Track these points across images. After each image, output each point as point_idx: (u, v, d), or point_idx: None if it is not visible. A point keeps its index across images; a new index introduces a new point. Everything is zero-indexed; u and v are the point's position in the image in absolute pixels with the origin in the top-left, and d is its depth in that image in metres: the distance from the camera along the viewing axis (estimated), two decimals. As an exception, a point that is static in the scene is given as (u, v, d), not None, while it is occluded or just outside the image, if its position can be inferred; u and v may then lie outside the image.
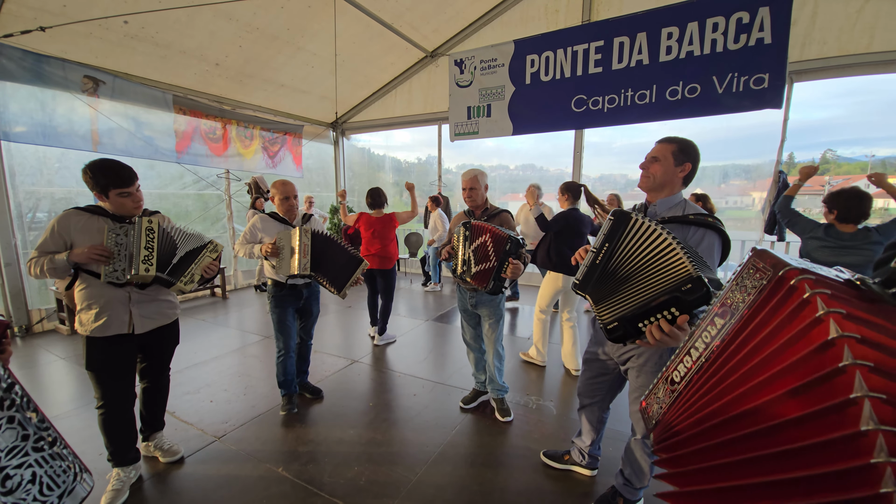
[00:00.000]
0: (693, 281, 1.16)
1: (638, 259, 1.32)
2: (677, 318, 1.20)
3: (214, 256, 2.12)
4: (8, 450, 0.71)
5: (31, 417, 0.78)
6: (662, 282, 1.23)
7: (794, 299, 0.64)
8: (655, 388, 0.93)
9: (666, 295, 1.21)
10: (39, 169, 4.61)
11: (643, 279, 1.29)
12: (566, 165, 6.53)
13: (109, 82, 4.66)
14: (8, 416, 0.72)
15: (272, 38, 5.25)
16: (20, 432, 0.74)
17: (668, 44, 4.26)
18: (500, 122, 5.56)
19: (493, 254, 2.24)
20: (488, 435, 2.59)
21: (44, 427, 0.79)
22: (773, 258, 0.70)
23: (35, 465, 0.75)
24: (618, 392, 2.05)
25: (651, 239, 1.30)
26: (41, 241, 1.89)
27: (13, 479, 0.70)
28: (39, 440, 0.77)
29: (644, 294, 1.27)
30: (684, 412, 0.81)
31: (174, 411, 2.79)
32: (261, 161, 6.61)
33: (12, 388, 0.74)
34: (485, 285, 2.26)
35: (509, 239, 2.20)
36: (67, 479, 0.82)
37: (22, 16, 3.71)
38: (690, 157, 1.65)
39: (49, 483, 0.77)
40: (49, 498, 0.77)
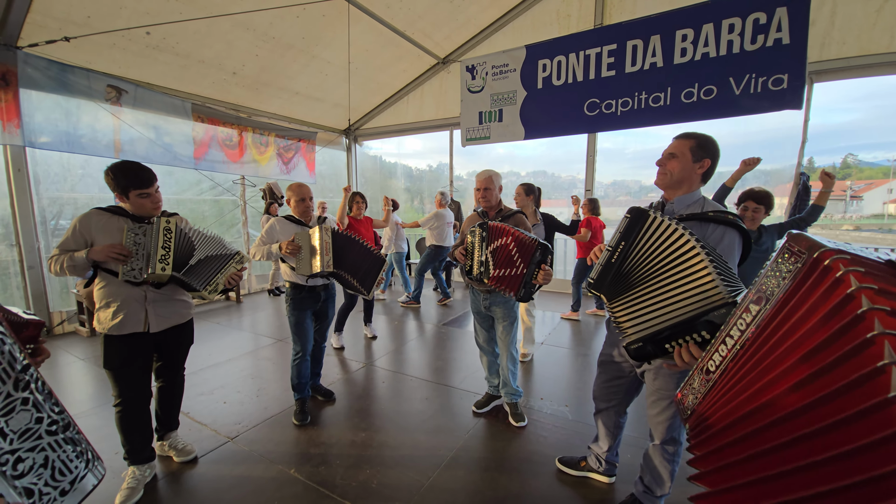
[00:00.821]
0: (727, 307, 1.08)
1: (658, 259, 1.27)
2: (708, 341, 1.12)
3: (240, 268, 2.15)
4: (21, 432, 0.70)
5: (45, 400, 0.77)
6: (691, 299, 1.16)
7: (829, 279, 0.63)
8: (691, 378, 0.91)
9: (697, 318, 1.13)
10: (63, 176, 4.75)
11: (666, 287, 1.23)
12: (578, 171, 6.49)
13: (132, 91, 4.81)
14: (23, 398, 0.71)
15: (287, 46, 5.36)
16: (34, 414, 0.73)
17: (682, 46, 4.22)
18: (511, 126, 5.56)
19: (520, 259, 2.18)
20: (502, 440, 2.54)
21: (58, 411, 0.78)
22: (809, 241, 0.68)
23: (48, 448, 0.74)
24: (635, 395, 1.99)
25: (672, 239, 1.25)
26: (63, 240, 1.93)
27: (25, 463, 0.70)
28: (53, 423, 0.77)
29: (670, 311, 1.20)
30: (719, 401, 0.79)
31: (188, 412, 2.81)
32: (275, 167, 6.72)
33: (27, 369, 0.74)
34: (514, 292, 2.21)
35: (538, 246, 2.15)
36: (80, 465, 0.81)
37: (47, 26, 3.86)
38: (710, 153, 1.61)
39: (61, 468, 0.76)
40: (61, 483, 0.76)
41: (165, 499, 2.05)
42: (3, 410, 0.68)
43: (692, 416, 0.87)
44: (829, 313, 0.62)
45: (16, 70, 3.82)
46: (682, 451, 1.80)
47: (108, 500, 1.97)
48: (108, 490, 2.02)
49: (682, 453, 1.80)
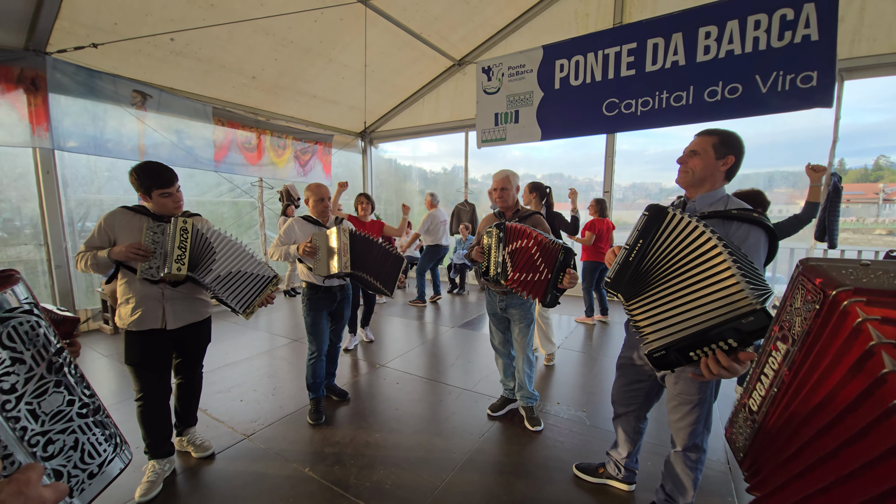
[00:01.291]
0: (756, 314, 1.04)
1: (677, 258, 1.23)
2: (736, 349, 1.09)
3: (274, 289, 2.19)
4: (53, 414, 0.71)
5: (77, 383, 0.78)
6: (715, 304, 1.11)
7: (847, 326, 0.61)
8: (735, 415, 0.91)
9: (723, 325, 1.09)
10: (90, 178, 4.91)
11: (687, 289, 1.18)
12: (596, 174, 6.40)
13: (156, 96, 4.95)
14: (55, 381, 0.73)
15: (305, 50, 5.45)
16: (66, 397, 0.74)
17: (706, 43, 4.12)
18: (528, 127, 5.51)
19: (544, 264, 2.12)
20: (517, 444, 2.49)
21: (89, 394, 0.80)
22: (822, 274, 0.66)
23: (78, 431, 0.75)
24: (655, 400, 1.93)
25: (693, 237, 1.20)
26: (89, 238, 1.99)
27: (55, 444, 0.71)
28: (84, 406, 0.78)
29: (692, 316, 1.15)
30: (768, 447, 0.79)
31: (206, 409, 2.85)
32: (292, 170, 6.82)
33: (61, 352, 0.75)
34: (541, 298, 2.15)
35: (562, 249, 2.10)
36: (108, 449, 0.81)
37: (75, 32, 4.00)
38: (733, 150, 1.55)
39: (91, 451, 0.77)
40: (90, 466, 0.76)
41: (184, 493, 2.08)
42: (35, 392, 0.69)
43: (746, 461, 0.86)
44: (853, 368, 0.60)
45: (45, 75, 3.98)
46: (706, 458, 1.73)
47: (128, 492, 2.01)
48: (129, 483, 2.06)
49: (705, 461, 1.73)
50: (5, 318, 0.66)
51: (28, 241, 4.41)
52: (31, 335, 0.70)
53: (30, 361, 0.69)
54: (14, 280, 0.69)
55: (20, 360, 0.67)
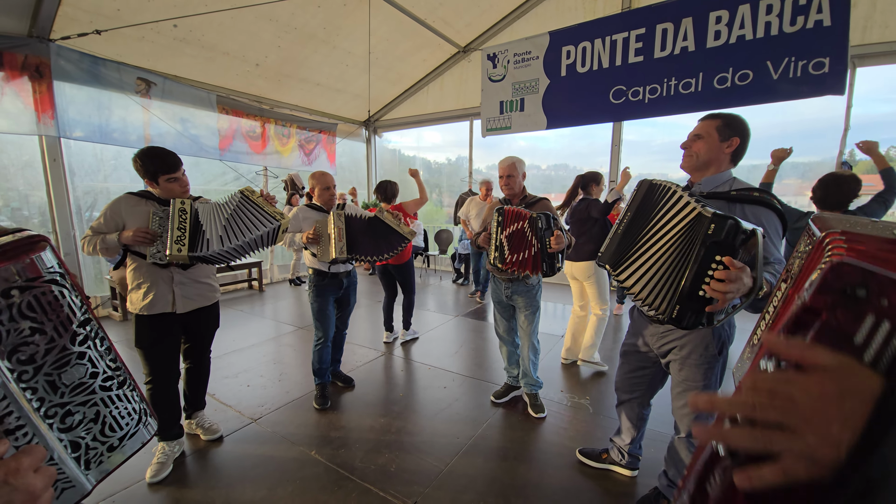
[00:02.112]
0: (713, 221, 1.13)
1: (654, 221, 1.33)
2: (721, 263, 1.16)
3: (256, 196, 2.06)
4: (74, 386, 0.70)
5: (103, 356, 0.77)
6: (683, 235, 1.23)
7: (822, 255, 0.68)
8: (742, 353, 0.95)
9: (700, 249, 1.17)
10: (97, 167, 4.93)
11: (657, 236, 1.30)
12: (602, 165, 6.32)
13: (160, 84, 4.94)
14: (79, 352, 0.71)
15: (309, 37, 5.39)
16: (90, 369, 0.73)
17: (716, 28, 4.02)
18: (533, 116, 5.44)
19: (533, 236, 2.17)
20: (521, 430, 2.52)
21: (115, 367, 0.78)
22: (823, 222, 0.70)
23: (100, 404, 0.74)
24: (659, 387, 1.93)
25: (670, 200, 1.31)
26: (96, 223, 2.00)
27: (75, 416, 0.70)
28: (108, 379, 0.76)
29: (667, 255, 1.26)
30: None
31: (214, 393, 2.90)
32: (297, 158, 6.81)
33: (88, 323, 0.73)
34: (539, 271, 2.19)
35: (539, 217, 2.14)
36: (131, 423, 0.80)
37: (78, 19, 3.98)
38: (738, 132, 1.53)
39: (112, 424, 0.76)
40: (111, 439, 0.75)
41: (193, 474, 2.12)
42: (56, 364, 0.68)
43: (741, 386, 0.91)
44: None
45: (49, 62, 3.96)
46: (710, 445, 1.74)
47: (139, 473, 2.05)
48: (140, 464, 2.11)
49: (709, 448, 1.74)
50: (26, 287, 0.63)
51: (36, 229, 4.44)
52: (55, 305, 0.67)
53: (51, 332, 0.67)
54: (40, 247, 0.66)
55: (41, 330, 0.65)
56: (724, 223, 1.12)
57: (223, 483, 2.04)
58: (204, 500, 1.93)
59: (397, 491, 1.98)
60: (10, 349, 0.62)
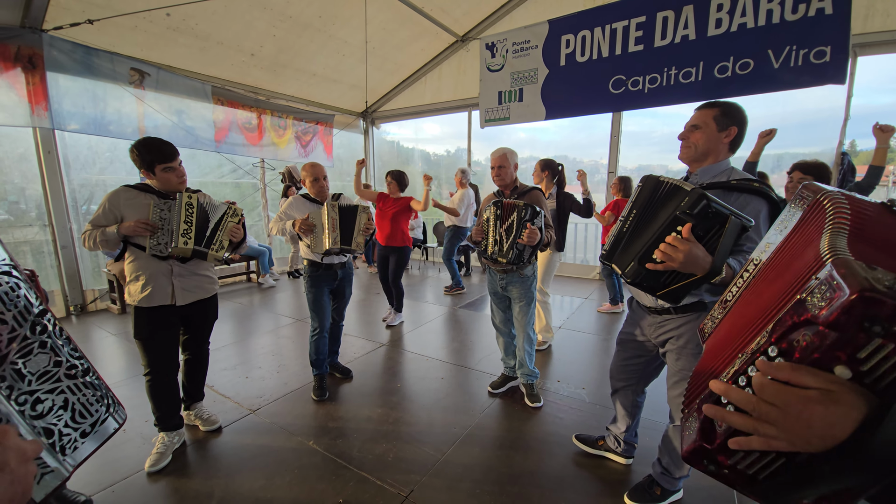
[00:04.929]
0: (689, 193, 1.19)
1: (660, 216, 1.32)
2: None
3: (236, 220, 2.18)
4: (39, 374, 0.72)
5: (64, 346, 0.79)
6: (666, 212, 1.27)
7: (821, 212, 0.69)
8: (713, 310, 0.95)
9: (670, 218, 1.23)
10: (92, 160, 4.89)
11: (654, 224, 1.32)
12: (601, 156, 6.29)
13: (154, 74, 4.88)
14: (40, 342, 0.73)
15: (304, 26, 5.31)
16: (53, 358, 0.75)
17: (717, 16, 3.97)
18: (532, 106, 5.40)
19: (516, 226, 2.23)
20: (517, 420, 2.54)
21: (76, 356, 0.80)
22: (818, 188, 0.73)
23: (67, 391, 0.76)
24: (654, 377, 1.95)
25: (672, 194, 1.30)
26: (94, 216, 2.00)
27: (44, 404, 0.72)
28: (72, 368, 0.78)
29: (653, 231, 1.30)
30: (729, 324, 0.84)
31: (213, 385, 2.91)
32: (294, 150, 6.76)
33: (45, 314, 0.76)
34: (503, 254, 2.26)
35: (527, 207, 2.19)
36: (100, 409, 0.82)
37: (70, 8, 3.91)
38: (736, 120, 1.52)
39: (81, 411, 0.78)
40: (81, 426, 0.77)
41: (193, 464, 2.14)
42: (21, 352, 0.70)
43: (709, 338, 0.91)
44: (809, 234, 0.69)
45: (42, 53, 3.91)
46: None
47: (139, 463, 2.07)
48: (140, 454, 2.13)
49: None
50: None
51: (33, 222, 4.44)
52: (11, 296, 0.70)
53: (11, 322, 0.69)
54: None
55: (2, 320, 0.68)
56: (698, 200, 1.17)
57: (222, 473, 2.06)
58: (203, 489, 1.95)
59: (394, 479, 2.00)
60: None
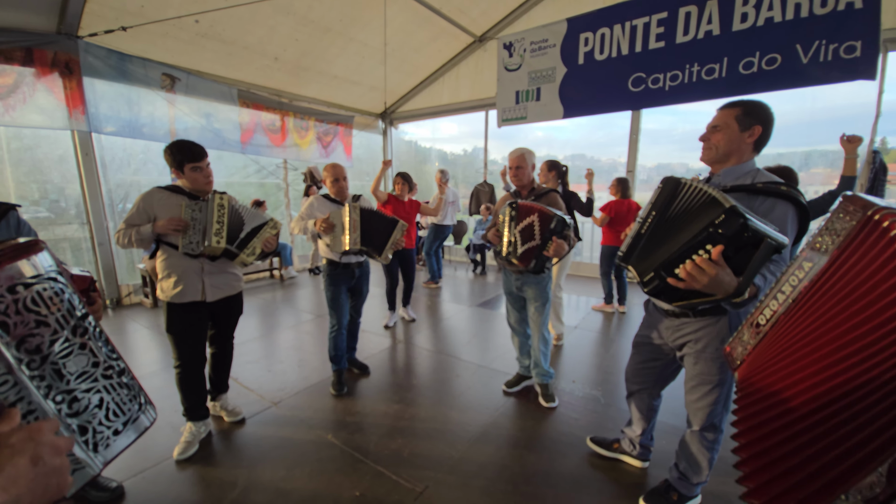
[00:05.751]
0: (725, 211, 1.10)
1: (683, 222, 1.27)
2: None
3: (274, 232, 2.29)
4: (78, 374, 0.76)
5: (102, 347, 0.83)
6: (697, 225, 1.19)
7: (881, 235, 0.64)
8: (740, 332, 0.92)
9: (701, 234, 1.15)
10: (127, 161, 5.13)
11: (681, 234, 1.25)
12: (619, 155, 6.19)
13: (184, 79, 5.08)
14: (80, 343, 0.78)
15: (326, 30, 5.43)
16: (91, 359, 0.79)
17: (743, 10, 3.86)
18: (549, 105, 5.36)
19: (539, 233, 2.21)
20: (532, 419, 2.55)
21: (114, 357, 0.84)
22: (864, 201, 0.69)
23: (103, 391, 0.80)
24: (670, 380, 1.93)
25: (698, 199, 1.24)
26: (129, 216, 2.11)
27: (81, 402, 0.75)
28: (109, 368, 0.82)
29: (679, 241, 1.23)
30: (770, 355, 0.80)
31: (237, 377, 3.03)
32: (315, 151, 6.92)
33: (86, 317, 0.80)
34: (527, 264, 2.23)
35: (555, 217, 2.16)
36: (133, 408, 0.85)
37: (104, 16, 4.11)
38: (760, 119, 1.48)
39: (115, 409, 0.82)
40: (114, 424, 0.81)
41: (218, 453, 2.24)
42: (62, 353, 0.74)
43: (742, 366, 0.88)
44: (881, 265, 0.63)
45: (78, 59, 4.13)
46: (723, 438, 1.73)
47: (167, 451, 2.19)
48: (169, 442, 2.24)
49: (722, 441, 1.73)
50: (30, 284, 0.70)
51: (72, 220, 4.69)
52: (56, 300, 0.74)
53: (54, 324, 0.73)
54: (38, 249, 0.73)
55: (44, 322, 0.72)
56: (733, 220, 1.09)
57: (245, 462, 2.16)
58: (227, 478, 2.04)
59: (409, 475, 2.04)
60: (18, 340, 0.67)
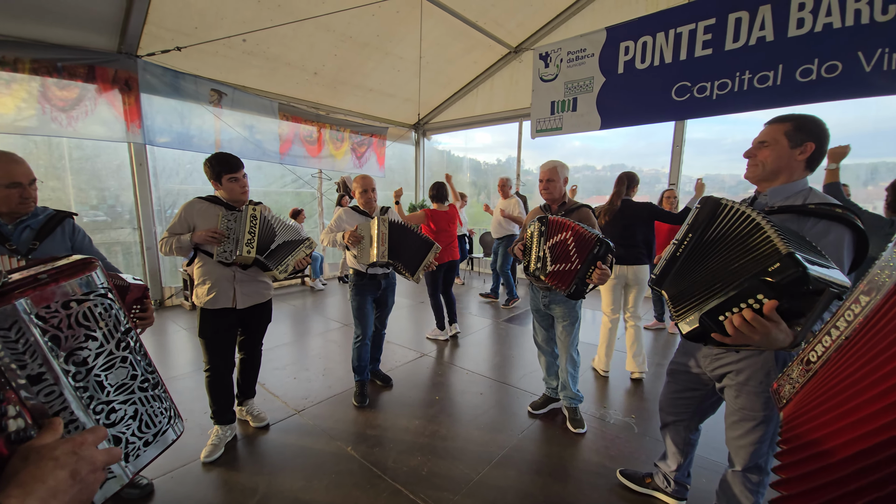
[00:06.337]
0: (782, 259, 0.95)
1: (723, 248, 1.14)
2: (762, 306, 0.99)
3: (309, 252, 2.34)
4: (118, 385, 0.80)
5: (141, 360, 0.86)
6: (747, 267, 1.04)
7: None
8: (789, 369, 0.84)
9: (751, 279, 1.00)
10: (176, 170, 5.48)
11: (727, 269, 1.11)
12: (663, 165, 5.92)
13: (230, 94, 5.38)
14: (122, 357, 0.81)
15: (363, 45, 5.59)
16: (130, 372, 0.83)
17: (799, 16, 3.60)
18: (586, 116, 5.22)
19: (577, 255, 2.07)
20: (558, 445, 2.42)
21: (150, 371, 0.88)
22: None
23: (138, 403, 0.84)
24: (710, 413, 1.77)
25: (741, 224, 1.12)
26: (171, 224, 2.22)
27: (118, 413, 0.79)
28: (145, 381, 0.86)
29: (726, 284, 1.08)
30: (819, 392, 0.73)
31: (264, 383, 3.10)
32: (349, 162, 7.10)
33: (129, 332, 0.84)
34: (565, 288, 2.10)
35: (598, 241, 2.01)
36: (163, 421, 0.89)
37: (161, 36, 4.43)
38: (812, 135, 1.34)
39: (147, 421, 0.85)
40: (145, 435, 0.84)
41: (242, 457, 2.28)
42: (105, 366, 0.78)
43: (788, 406, 0.81)
44: None
45: (136, 76, 4.47)
46: (769, 481, 1.55)
47: (195, 452, 2.24)
48: (197, 443, 2.31)
49: (767, 484, 1.55)
50: (82, 300, 0.74)
51: (125, 225, 5.05)
52: (104, 316, 0.78)
53: (101, 339, 0.77)
54: (92, 266, 0.76)
55: (93, 336, 0.75)
56: (791, 271, 0.92)
57: (266, 469, 2.17)
58: (249, 484, 2.06)
59: (427, 495, 1.98)
60: (67, 353, 0.71)
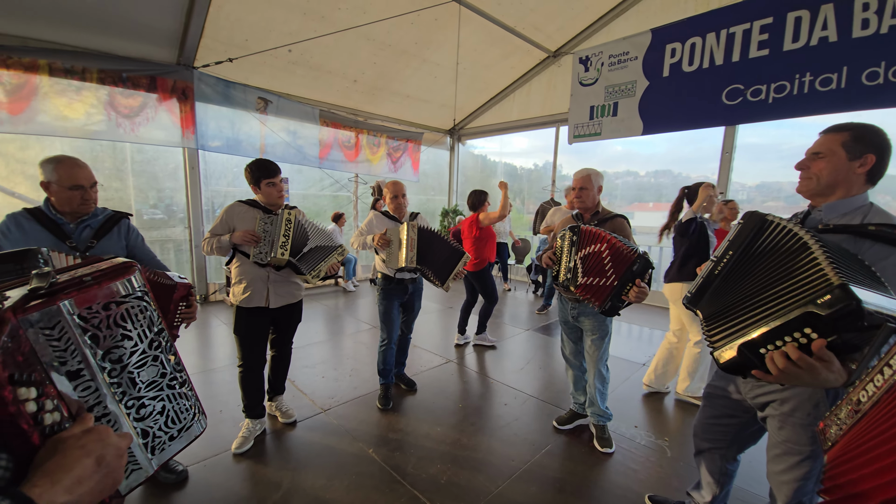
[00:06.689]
0: (832, 291, 0.85)
1: (766, 269, 1.06)
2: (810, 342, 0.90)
3: (340, 259, 2.43)
4: (148, 383, 0.86)
5: (171, 359, 0.92)
6: (793, 295, 0.95)
7: None
8: (838, 408, 0.79)
9: (797, 310, 0.90)
10: (223, 173, 5.83)
11: (769, 293, 1.01)
12: (712, 171, 5.58)
13: (275, 101, 5.66)
14: (153, 356, 0.87)
15: (401, 52, 5.71)
16: (160, 370, 0.88)
17: (864, 16, 3.31)
18: (627, 121, 5.04)
19: (613, 270, 1.97)
20: (583, 463, 2.32)
21: (179, 369, 0.94)
22: None
23: (166, 399, 0.89)
24: (750, 443, 1.63)
25: (787, 244, 1.03)
26: (213, 226, 2.36)
27: (147, 408, 0.85)
28: (173, 380, 0.91)
29: (767, 310, 0.98)
30: (868, 437, 0.67)
31: (293, 380, 3.20)
32: (385, 166, 7.26)
33: (161, 333, 0.89)
34: (600, 304, 2.01)
35: (638, 257, 1.92)
36: (188, 417, 0.95)
37: (215, 49, 4.74)
38: (873, 147, 1.22)
39: (174, 417, 0.90)
40: (171, 430, 0.90)
41: (269, 451, 2.37)
42: (137, 364, 0.84)
43: (833, 448, 0.75)
44: None
45: (192, 86, 4.81)
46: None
47: (227, 442, 2.35)
48: (229, 434, 2.42)
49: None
50: (121, 302, 0.79)
51: (178, 224, 5.42)
52: (140, 317, 0.83)
53: (136, 338, 0.82)
54: (132, 271, 0.82)
55: (128, 336, 0.81)
56: (845, 304, 0.83)
57: (291, 465, 2.24)
58: (274, 478, 2.14)
59: (444, 505, 1.96)
60: (104, 351, 0.76)
